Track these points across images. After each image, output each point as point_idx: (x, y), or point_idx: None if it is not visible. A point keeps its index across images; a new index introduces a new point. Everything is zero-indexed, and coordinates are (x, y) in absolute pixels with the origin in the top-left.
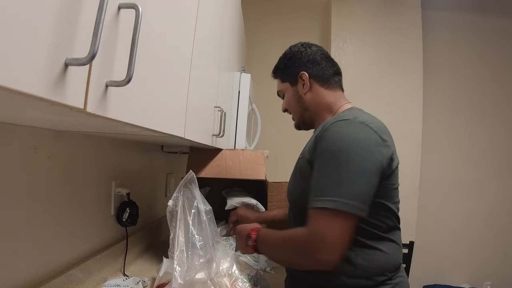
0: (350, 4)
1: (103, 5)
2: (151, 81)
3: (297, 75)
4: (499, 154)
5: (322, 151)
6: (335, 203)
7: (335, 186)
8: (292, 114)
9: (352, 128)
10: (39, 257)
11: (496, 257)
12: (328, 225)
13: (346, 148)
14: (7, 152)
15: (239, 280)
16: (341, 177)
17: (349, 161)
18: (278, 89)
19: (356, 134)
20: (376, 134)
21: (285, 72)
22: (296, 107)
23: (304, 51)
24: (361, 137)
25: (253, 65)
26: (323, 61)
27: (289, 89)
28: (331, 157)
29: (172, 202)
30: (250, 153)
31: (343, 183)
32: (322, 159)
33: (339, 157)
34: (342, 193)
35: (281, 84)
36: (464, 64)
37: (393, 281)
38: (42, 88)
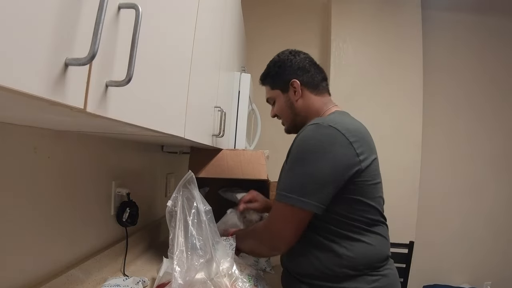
0: (350, 4)
1: (103, 5)
2: (151, 81)
3: (288, 82)
4: (499, 154)
5: (290, 153)
6: (287, 198)
7: (288, 183)
8: (282, 119)
9: (318, 132)
10: (39, 257)
11: (496, 257)
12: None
13: (306, 151)
14: (7, 152)
15: (239, 280)
16: (295, 175)
17: (308, 164)
18: (268, 96)
19: (319, 137)
20: (342, 136)
21: (275, 79)
22: (287, 113)
23: (294, 59)
24: (324, 140)
25: (253, 65)
26: (311, 68)
27: (280, 96)
28: (294, 158)
29: (171, 202)
30: (251, 153)
31: (298, 182)
32: (289, 160)
33: (298, 159)
34: (295, 190)
35: (271, 91)
36: (464, 64)
37: (380, 272)
38: (42, 88)
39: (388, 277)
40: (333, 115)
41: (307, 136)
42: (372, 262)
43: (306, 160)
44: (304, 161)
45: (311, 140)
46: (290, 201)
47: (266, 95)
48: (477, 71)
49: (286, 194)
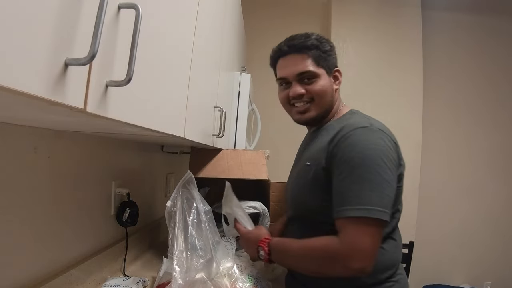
0: (350, 4)
1: (103, 5)
2: (151, 81)
3: (333, 68)
4: (500, 154)
5: (346, 159)
6: (368, 212)
7: (366, 195)
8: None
9: (374, 136)
10: (39, 257)
11: (496, 257)
12: (362, 234)
13: (373, 157)
14: (7, 152)
15: (239, 280)
16: (371, 185)
17: (377, 170)
18: (310, 69)
19: (379, 142)
20: (392, 141)
21: (326, 57)
22: (327, 98)
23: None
24: (383, 145)
25: (253, 65)
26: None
27: (325, 77)
28: (358, 165)
29: (170, 203)
30: (251, 153)
31: (373, 191)
32: (348, 167)
33: (367, 165)
34: (373, 201)
35: (314, 66)
36: (464, 64)
37: (393, 278)
38: (42, 88)
39: (399, 283)
40: (360, 116)
41: (366, 140)
42: (386, 269)
43: (372, 169)
44: (370, 170)
45: (370, 146)
46: (373, 214)
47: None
48: (477, 72)
49: (367, 208)
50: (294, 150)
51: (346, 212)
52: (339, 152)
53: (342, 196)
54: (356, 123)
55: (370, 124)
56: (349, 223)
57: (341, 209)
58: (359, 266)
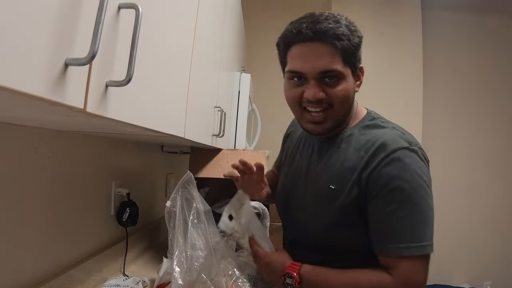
0: (350, 4)
1: (103, 5)
2: (151, 81)
3: (358, 66)
4: (500, 154)
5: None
6: (424, 249)
7: (420, 230)
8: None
9: (418, 162)
10: (39, 257)
11: (496, 257)
12: (419, 271)
13: (423, 186)
14: (7, 152)
15: (239, 280)
16: (422, 219)
17: (427, 200)
18: (337, 67)
19: (423, 167)
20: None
21: (353, 54)
22: (347, 104)
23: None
24: (427, 172)
25: (253, 65)
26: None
27: (350, 79)
28: (408, 196)
29: (170, 203)
30: (251, 153)
31: (426, 225)
32: (397, 198)
33: (418, 196)
34: (427, 236)
35: (342, 64)
36: (464, 64)
37: None
38: (42, 88)
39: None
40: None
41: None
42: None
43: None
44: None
45: (417, 173)
46: (428, 251)
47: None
48: (477, 72)
49: (422, 245)
50: None
51: (400, 251)
52: (382, 179)
53: (392, 231)
54: (393, 142)
55: (408, 142)
56: (403, 261)
57: (392, 247)
58: None
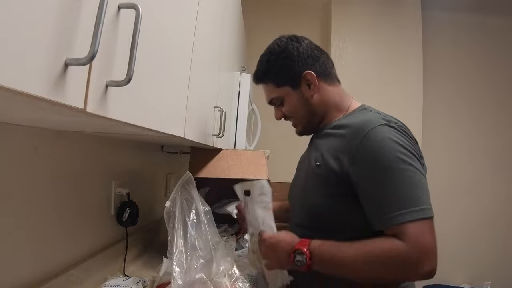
0: (350, 4)
1: (103, 5)
2: (151, 81)
3: (300, 75)
4: (500, 154)
5: (378, 163)
6: (424, 212)
7: (414, 195)
8: (295, 120)
9: (397, 134)
10: (39, 257)
11: (496, 257)
12: (428, 234)
13: (406, 156)
14: (7, 152)
15: (239, 280)
16: (414, 183)
17: (415, 167)
18: (273, 96)
19: (404, 140)
20: (412, 138)
21: (281, 74)
22: (302, 113)
23: (300, 46)
24: (408, 142)
25: (253, 65)
26: (320, 54)
27: (291, 94)
28: (395, 168)
29: (169, 203)
30: (251, 153)
31: (420, 189)
32: (382, 171)
33: (403, 166)
34: (424, 199)
35: (276, 90)
36: (464, 64)
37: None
38: (42, 88)
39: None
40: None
41: (391, 139)
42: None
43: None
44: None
45: (397, 144)
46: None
47: (268, 96)
48: (477, 72)
49: (422, 208)
50: (294, 150)
51: (402, 217)
52: (363, 155)
53: (386, 201)
54: (370, 121)
55: (387, 120)
56: (408, 226)
57: (391, 216)
58: (430, 268)
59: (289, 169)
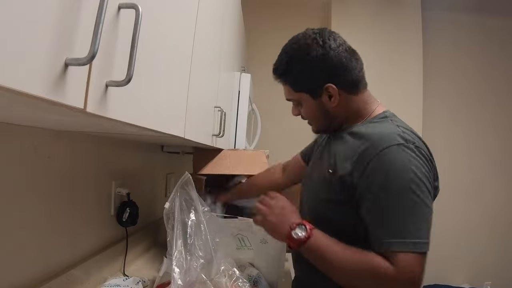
0: (350, 4)
1: (103, 5)
2: (151, 81)
3: (322, 87)
4: (500, 154)
5: (386, 186)
6: (424, 245)
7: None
8: (310, 122)
9: (411, 158)
10: (39, 257)
11: (496, 257)
12: (419, 268)
13: (416, 184)
14: (7, 152)
15: (239, 281)
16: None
17: (422, 198)
18: (290, 97)
19: (418, 165)
20: (429, 160)
21: (301, 81)
22: (321, 120)
23: (326, 54)
24: (423, 168)
25: (253, 65)
26: (349, 62)
27: (309, 101)
28: (402, 195)
29: (168, 204)
30: (252, 152)
31: (421, 222)
32: (389, 195)
33: (411, 195)
34: (422, 233)
35: (294, 93)
36: (464, 64)
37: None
38: (42, 88)
39: None
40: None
41: (404, 163)
42: None
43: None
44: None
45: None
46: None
47: (286, 94)
48: (477, 72)
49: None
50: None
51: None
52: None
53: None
54: (386, 138)
55: (404, 140)
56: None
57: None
58: None
59: None
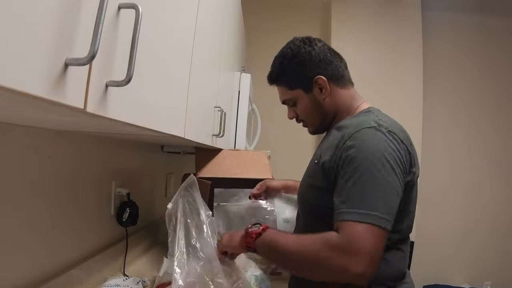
0: (350, 4)
1: (103, 5)
2: (151, 81)
3: (312, 79)
4: (500, 154)
5: (352, 161)
6: (377, 219)
7: (370, 199)
8: (307, 122)
9: (381, 138)
10: (39, 257)
11: (496, 257)
12: (368, 240)
13: (380, 161)
14: (7, 152)
15: (240, 281)
16: (376, 190)
17: (384, 175)
18: (286, 97)
19: (386, 145)
20: (403, 144)
21: (294, 77)
22: (315, 115)
23: (312, 50)
24: (392, 148)
25: (253, 65)
26: (333, 57)
27: (303, 97)
28: (364, 169)
29: (171, 205)
30: (253, 153)
31: (379, 197)
32: (352, 169)
33: (372, 169)
34: (379, 207)
35: (289, 92)
36: (464, 64)
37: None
38: (42, 88)
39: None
40: (371, 114)
41: (372, 142)
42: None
43: (377, 172)
44: (375, 173)
45: (376, 148)
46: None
47: (281, 96)
48: (477, 72)
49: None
50: (294, 150)
51: (347, 215)
52: (346, 153)
53: (344, 197)
54: (362, 123)
55: (378, 124)
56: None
57: (341, 211)
58: (361, 271)
59: (289, 169)
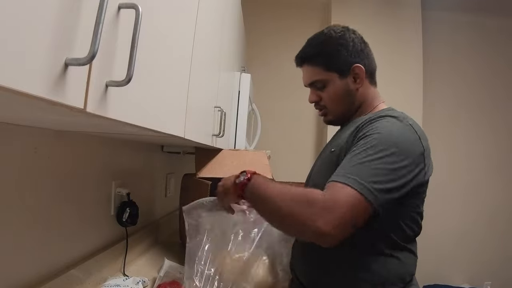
0: (350, 4)
1: (103, 5)
2: (151, 81)
3: (350, 66)
4: (500, 154)
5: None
6: (361, 186)
7: (369, 173)
8: (330, 107)
9: (400, 127)
10: (39, 257)
11: (496, 257)
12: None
13: (393, 144)
14: (7, 152)
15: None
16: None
17: (387, 157)
18: (317, 78)
19: (404, 135)
20: (420, 142)
21: (334, 59)
22: (341, 102)
23: (356, 38)
24: (408, 140)
25: (253, 65)
26: (370, 53)
27: (336, 81)
28: (374, 146)
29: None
30: (253, 153)
31: (378, 174)
32: (362, 144)
33: (379, 148)
34: (375, 182)
35: (323, 73)
36: (464, 64)
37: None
38: (42, 88)
39: None
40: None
41: (392, 128)
42: (398, 281)
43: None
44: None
45: (397, 133)
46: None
47: (310, 77)
48: (477, 71)
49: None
50: (294, 150)
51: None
52: (360, 132)
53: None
54: (387, 113)
55: (403, 117)
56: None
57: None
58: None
59: (289, 169)
